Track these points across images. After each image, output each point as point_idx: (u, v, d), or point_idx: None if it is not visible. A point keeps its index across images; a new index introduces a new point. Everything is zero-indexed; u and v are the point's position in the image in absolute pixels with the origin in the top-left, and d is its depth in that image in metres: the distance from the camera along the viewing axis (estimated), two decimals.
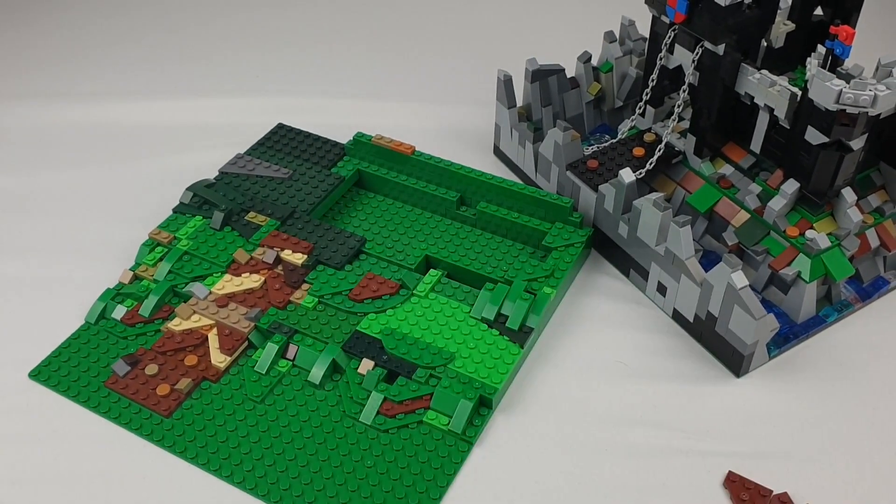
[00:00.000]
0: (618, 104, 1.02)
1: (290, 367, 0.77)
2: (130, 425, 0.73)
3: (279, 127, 1.03)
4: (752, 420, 0.74)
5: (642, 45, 1.00)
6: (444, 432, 0.72)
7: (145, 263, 0.86)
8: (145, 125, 1.09)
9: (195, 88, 1.16)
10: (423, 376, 0.74)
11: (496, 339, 0.77)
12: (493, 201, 0.91)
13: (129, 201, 0.97)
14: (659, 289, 0.83)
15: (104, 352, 0.78)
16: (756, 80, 0.79)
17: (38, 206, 0.97)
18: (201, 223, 0.89)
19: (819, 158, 0.77)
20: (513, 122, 0.97)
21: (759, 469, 0.70)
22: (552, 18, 1.31)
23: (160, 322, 0.81)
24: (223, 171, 0.95)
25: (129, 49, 1.25)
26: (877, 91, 0.71)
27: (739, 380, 0.78)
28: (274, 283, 0.82)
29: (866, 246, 0.82)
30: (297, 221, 0.89)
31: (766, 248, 0.82)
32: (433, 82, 1.17)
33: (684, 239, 0.76)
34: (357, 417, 0.73)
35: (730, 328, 0.75)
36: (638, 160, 0.88)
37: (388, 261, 0.85)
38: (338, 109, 1.11)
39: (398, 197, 0.95)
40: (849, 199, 0.79)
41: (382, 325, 0.78)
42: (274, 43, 1.26)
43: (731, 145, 0.87)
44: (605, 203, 0.85)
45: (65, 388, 0.76)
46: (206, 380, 0.76)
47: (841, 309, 0.82)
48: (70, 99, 1.13)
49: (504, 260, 0.86)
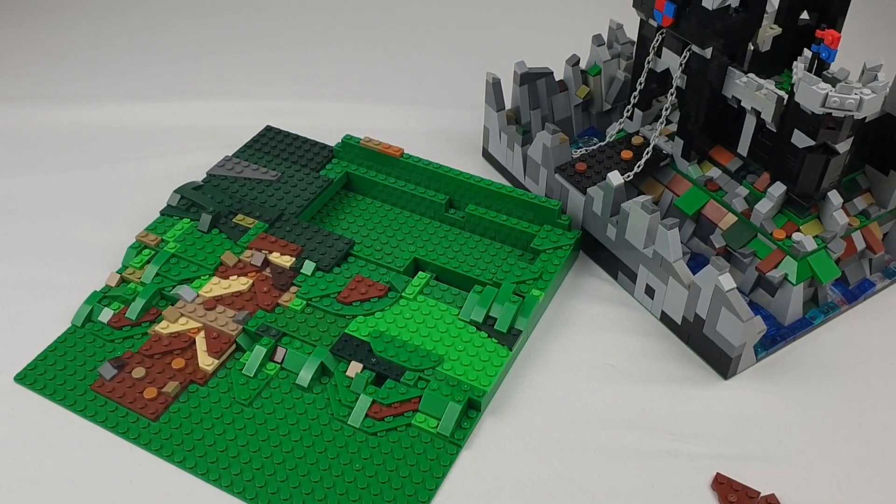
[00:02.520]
0: (606, 107, 1.02)
1: (278, 370, 0.77)
2: (117, 429, 0.72)
3: (267, 129, 1.03)
4: (739, 422, 0.74)
5: (630, 49, 1.00)
6: (433, 435, 0.72)
7: (132, 266, 0.85)
8: (132, 127, 1.09)
9: (183, 90, 1.16)
10: (412, 379, 0.74)
11: (485, 341, 0.77)
12: (482, 204, 0.91)
13: (117, 204, 0.97)
14: (647, 291, 0.83)
15: (91, 355, 0.78)
16: (743, 83, 0.80)
17: (24, 208, 0.96)
18: (189, 226, 0.89)
19: (805, 161, 0.77)
20: (501, 124, 0.97)
21: (746, 471, 0.70)
22: (541, 21, 1.31)
23: (147, 325, 0.80)
24: (211, 174, 0.95)
25: (116, 51, 1.24)
26: (862, 95, 0.72)
27: (727, 382, 0.78)
28: (262, 286, 0.82)
29: (852, 248, 0.83)
30: (286, 224, 0.88)
31: (754, 250, 0.82)
32: (422, 85, 1.17)
33: (672, 241, 0.76)
34: (345, 420, 0.72)
35: (717, 330, 0.76)
36: (626, 163, 0.89)
37: (377, 263, 0.85)
38: (326, 112, 1.11)
39: (387, 199, 0.95)
40: (835, 202, 0.80)
41: (371, 327, 0.78)
42: (262, 45, 1.26)
43: (719, 148, 0.88)
44: (593, 206, 0.85)
45: (51, 391, 0.75)
46: (194, 383, 0.76)
47: (827, 311, 0.83)
48: (57, 101, 1.12)
49: (493, 262, 0.86)
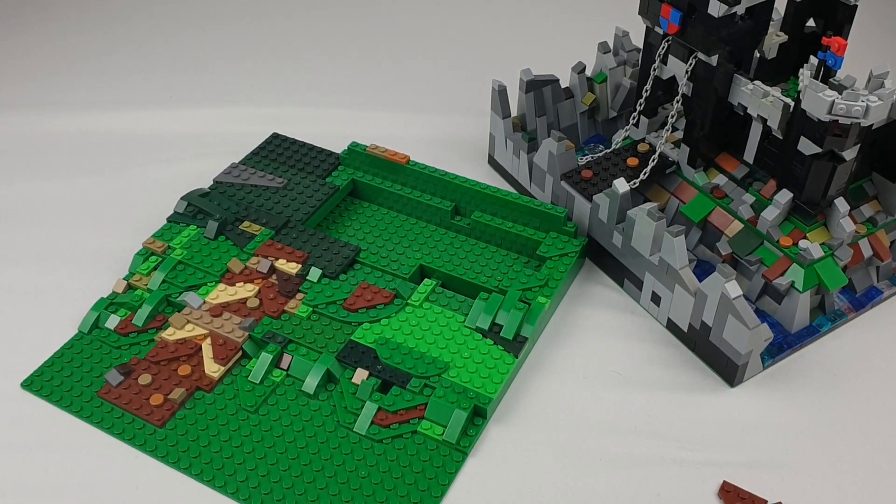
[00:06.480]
0: (612, 114, 1.02)
1: (284, 376, 0.77)
2: (123, 435, 0.72)
3: (274, 136, 1.03)
4: (746, 429, 0.74)
5: (636, 56, 1.01)
6: (439, 442, 0.72)
7: (139, 273, 0.85)
8: (139, 134, 1.09)
9: (189, 97, 1.16)
10: (418, 386, 0.74)
11: (490, 348, 0.77)
12: (488, 211, 0.91)
13: (123, 210, 0.97)
14: (653, 298, 0.83)
15: (97, 361, 0.78)
16: (749, 90, 0.80)
17: (32, 215, 0.97)
18: (195, 232, 0.89)
19: (812, 169, 0.77)
20: (507, 131, 0.97)
21: (753, 479, 0.70)
22: (546, 29, 1.32)
23: (154, 331, 0.80)
24: (217, 181, 0.95)
25: (123, 58, 1.25)
26: (869, 102, 0.72)
27: (733, 389, 0.78)
28: (268, 293, 0.82)
29: (859, 256, 0.82)
30: (292, 231, 0.88)
31: (760, 257, 0.82)
32: (428, 92, 1.18)
33: (678, 249, 0.76)
34: (351, 427, 0.72)
35: (724, 338, 0.75)
36: (632, 170, 0.89)
37: (383, 270, 0.85)
38: (332, 119, 1.11)
39: (392, 206, 0.95)
40: (842, 210, 0.80)
41: (377, 334, 0.78)
42: (269, 52, 1.26)
43: (725, 155, 0.88)
44: (599, 213, 0.85)
45: (57, 397, 0.75)
46: (200, 390, 0.76)
47: (834, 319, 0.82)
48: (64, 108, 1.13)
49: (498, 269, 0.86)
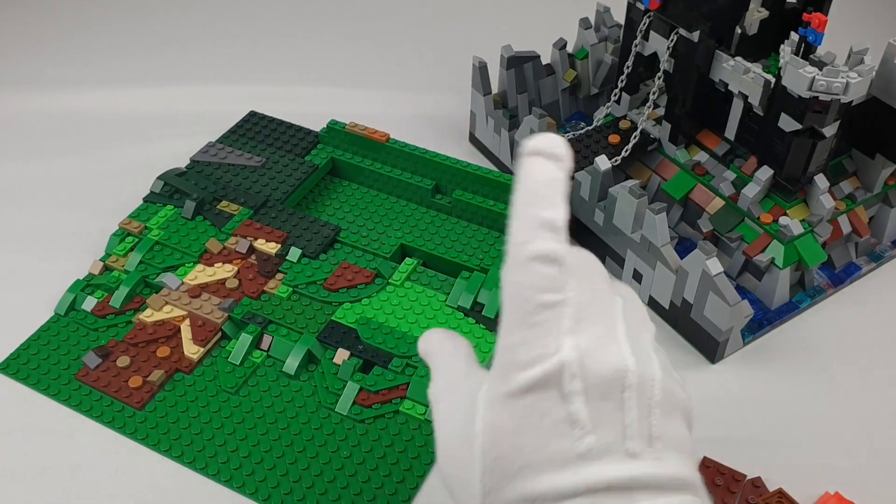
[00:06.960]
0: (593, 91, 1.02)
1: (264, 357, 0.76)
2: (102, 418, 0.72)
3: (251, 114, 1.02)
4: (726, 406, 0.74)
5: (617, 32, 1.00)
6: (421, 421, 0.71)
7: (116, 254, 0.84)
8: (114, 113, 1.07)
9: (166, 76, 1.14)
10: (399, 366, 0.74)
11: (472, 327, 0.77)
12: (469, 189, 0.90)
13: (99, 191, 0.95)
14: (634, 276, 0.83)
15: (74, 344, 0.77)
16: (730, 67, 0.79)
17: (5, 196, 0.95)
18: (172, 213, 0.88)
19: (792, 145, 0.77)
20: (488, 109, 0.96)
21: (732, 454, 0.70)
22: (527, 5, 1.31)
23: (132, 313, 0.80)
24: (194, 160, 0.94)
25: (98, 36, 1.22)
26: (849, 78, 0.72)
27: (714, 366, 0.78)
28: (247, 273, 0.82)
29: (838, 232, 0.83)
30: (271, 210, 0.88)
31: (741, 234, 0.82)
32: (408, 70, 1.17)
33: (660, 226, 0.76)
34: (333, 408, 0.72)
35: (705, 314, 0.76)
36: (613, 147, 0.88)
37: (364, 249, 0.84)
38: (311, 97, 1.10)
39: (373, 185, 0.94)
40: (821, 186, 0.80)
41: (358, 314, 0.78)
42: (246, 30, 1.25)
43: (706, 132, 0.88)
44: (580, 190, 0.85)
45: (34, 381, 0.74)
46: (180, 371, 0.75)
47: (814, 295, 0.83)
48: (37, 86, 1.11)
49: (480, 248, 0.86)
